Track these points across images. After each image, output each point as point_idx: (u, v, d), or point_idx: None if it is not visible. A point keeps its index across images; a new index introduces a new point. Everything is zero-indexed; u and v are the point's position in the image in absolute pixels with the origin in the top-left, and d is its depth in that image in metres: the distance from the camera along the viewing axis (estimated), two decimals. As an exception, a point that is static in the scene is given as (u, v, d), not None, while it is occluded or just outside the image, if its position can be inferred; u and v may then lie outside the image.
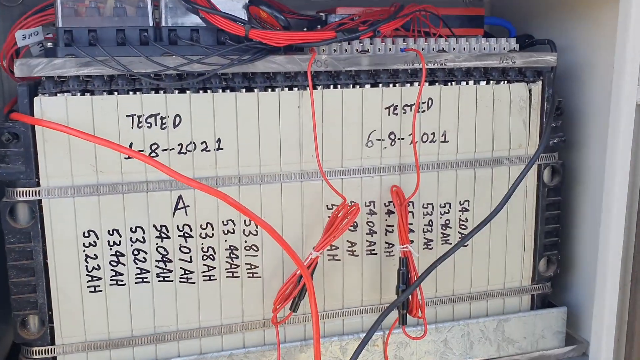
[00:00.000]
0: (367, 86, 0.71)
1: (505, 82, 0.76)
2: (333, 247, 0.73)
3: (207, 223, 0.68)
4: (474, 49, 0.76)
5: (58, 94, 0.63)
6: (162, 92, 0.65)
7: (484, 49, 0.76)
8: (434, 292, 0.78)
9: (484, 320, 0.79)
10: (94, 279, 0.66)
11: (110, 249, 0.66)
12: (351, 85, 0.71)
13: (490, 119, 0.76)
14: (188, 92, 0.66)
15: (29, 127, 0.62)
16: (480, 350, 0.80)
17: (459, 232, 0.78)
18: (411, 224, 0.75)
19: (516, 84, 0.77)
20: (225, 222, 0.69)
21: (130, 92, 0.65)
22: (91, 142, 0.60)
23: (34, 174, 0.63)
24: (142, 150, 0.65)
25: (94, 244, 0.65)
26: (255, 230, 0.70)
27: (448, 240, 0.78)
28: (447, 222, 0.77)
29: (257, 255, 0.71)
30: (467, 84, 0.75)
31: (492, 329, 0.80)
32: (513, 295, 0.82)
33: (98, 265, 0.66)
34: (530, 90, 0.77)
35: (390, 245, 0.75)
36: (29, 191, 0.63)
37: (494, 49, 0.76)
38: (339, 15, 0.81)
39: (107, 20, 0.65)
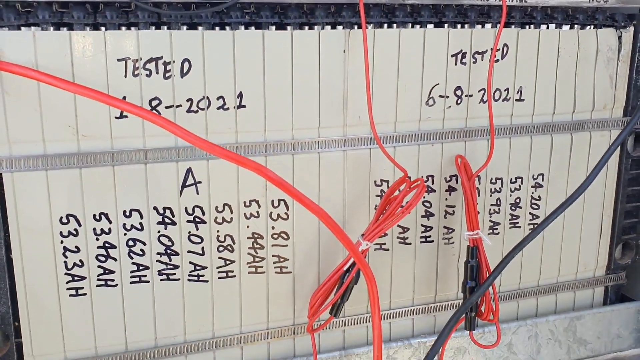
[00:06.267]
0: (430, 26, 0.55)
1: (592, 26, 0.61)
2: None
3: (225, 204, 0.52)
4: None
5: (22, 27, 0.45)
6: (165, 27, 0.48)
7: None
8: (497, 286, 0.63)
9: (554, 319, 0.65)
10: (76, 278, 0.49)
11: (97, 239, 0.49)
12: (410, 25, 0.55)
13: (573, 72, 0.61)
14: (200, 28, 0.49)
15: (-18, 73, 0.45)
16: (548, 354, 0.66)
17: (530, 214, 0.63)
18: (476, 204, 0.60)
19: (605, 29, 0.61)
20: (247, 204, 0.53)
21: (123, 28, 0.47)
22: (71, 92, 0.43)
23: (-10, 138, 0.46)
24: (140, 107, 0.48)
25: (74, 232, 0.49)
26: (286, 213, 0.54)
27: (517, 223, 0.63)
28: (517, 200, 0.62)
29: (287, 245, 0.55)
30: (547, 27, 0.59)
31: (562, 328, 0.66)
32: (585, 287, 0.68)
33: (81, 260, 0.49)
34: (620, 38, 0.62)
35: (450, 231, 0.60)
36: (-16, 162, 0.46)
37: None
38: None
39: None
